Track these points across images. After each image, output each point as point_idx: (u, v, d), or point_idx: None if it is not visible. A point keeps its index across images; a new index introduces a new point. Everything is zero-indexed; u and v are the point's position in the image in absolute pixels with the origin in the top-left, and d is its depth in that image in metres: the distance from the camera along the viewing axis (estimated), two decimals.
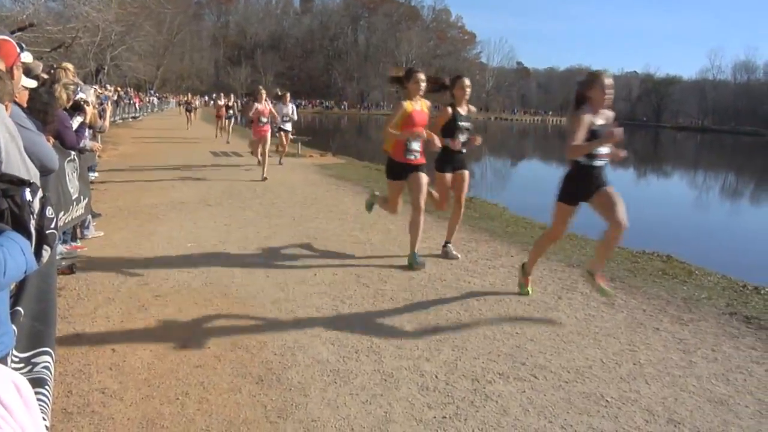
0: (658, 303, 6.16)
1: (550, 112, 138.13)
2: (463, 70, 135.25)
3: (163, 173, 14.76)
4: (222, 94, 28.91)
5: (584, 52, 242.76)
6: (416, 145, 6.88)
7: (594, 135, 5.42)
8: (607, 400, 4.04)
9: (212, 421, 3.59)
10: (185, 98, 37.18)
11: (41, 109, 4.53)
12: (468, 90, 7.47)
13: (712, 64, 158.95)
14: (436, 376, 4.29)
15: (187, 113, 35.32)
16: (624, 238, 5.73)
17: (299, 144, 22.45)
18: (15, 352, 2.81)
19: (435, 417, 3.74)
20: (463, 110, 7.45)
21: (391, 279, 6.61)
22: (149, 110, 53.90)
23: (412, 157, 6.92)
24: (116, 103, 34.71)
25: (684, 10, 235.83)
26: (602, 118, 5.63)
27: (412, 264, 7.05)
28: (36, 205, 2.26)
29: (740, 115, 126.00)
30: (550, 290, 6.44)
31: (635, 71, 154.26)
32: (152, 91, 72.69)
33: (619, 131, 5.32)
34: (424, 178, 7.03)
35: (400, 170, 7.06)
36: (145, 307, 5.45)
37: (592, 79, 5.74)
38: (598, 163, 5.57)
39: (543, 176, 29.20)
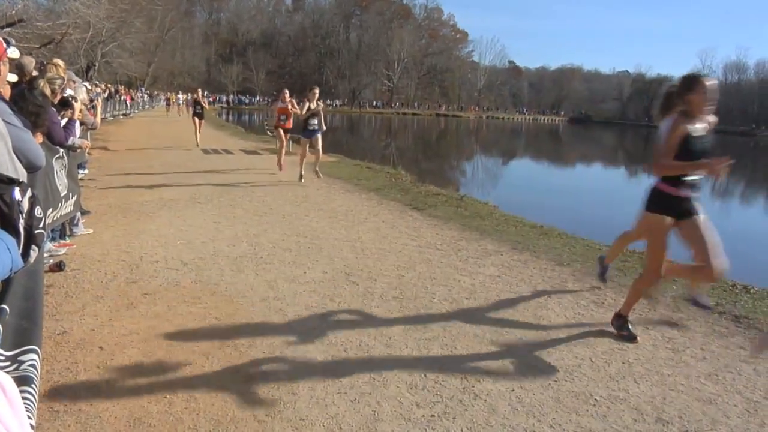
0: (647, 302, 6.17)
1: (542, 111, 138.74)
2: (455, 69, 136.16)
3: (153, 171, 14.69)
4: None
5: (576, 51, 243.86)
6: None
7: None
8: (596, 399, 4.05)
9: (200, 419, 3.58)
10: (194, 96, 24.59)
11: (34, 111, 4.48)
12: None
13: (703, 64, 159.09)
14: (425, 375, 4.29)
15: (196, 119, 22.85)
16: (614, 237, 5.76)
17: (290, 142, 22.39)
18: (1, 351, 2.79)
19: (424, 416, 3.73)
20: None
21: (381, 277, 6.60)
22: (140, 107, 53.71)
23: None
24: (107, 100, 34.56)
25: (676, 10, 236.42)
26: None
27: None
28: (25, 205, 2.24)
29: (731, 114, 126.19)
30: (540, 289, 6.44)
31: (627, 71, 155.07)
32: (143, 89, 72.40)
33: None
34: None
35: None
36: (134, 305, 5.43)
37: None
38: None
39: (534, 175, 29.27)
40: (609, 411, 3.90)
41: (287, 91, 15.39)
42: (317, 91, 13.63)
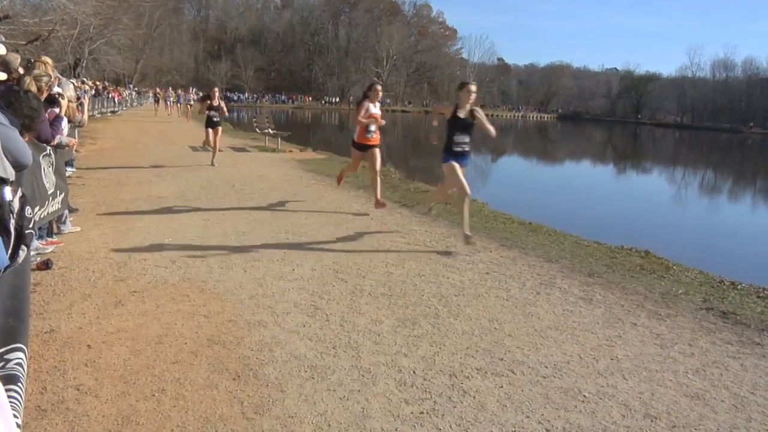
0: (636, 298, 6.20)
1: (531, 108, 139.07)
2: (444, 66, 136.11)
3: (141, 168, 14.66)
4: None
5: (565, 48, 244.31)
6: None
7: None
8: (584, 395, 4.06)
9: (188, 417, 3.57)
10: (208, 100, 16.62)
11: (29, 114, 4.42)
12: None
13: (691, 61, 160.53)
14: (414, 372, 4.29)
15: (209, 130, 16.20)
16: (602, 234, 5.77)
17: (279, 139, 22.40)
18: None
19: (412, 412, 3.74)
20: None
21: (370, 274, 6.61)
22: (128, 105, 53.48)
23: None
24: (94, 98, 34.41)
25: (664, 7, 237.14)
26: None
27: None
28: (16, 204, 2.23)
29: (719, 112, 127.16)
30: (529, 285, 6.46)
31: (615, 68, 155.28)
32: (131, 86, 72.11)
33: None
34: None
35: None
36: (122, 303, 5.41)
37: None
38: None
39: (523, 173, 29.33)
40: (597, 407, 3.91)
41: (380, 87, 9.94)
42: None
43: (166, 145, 20.96)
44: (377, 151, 9.83)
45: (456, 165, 7.86)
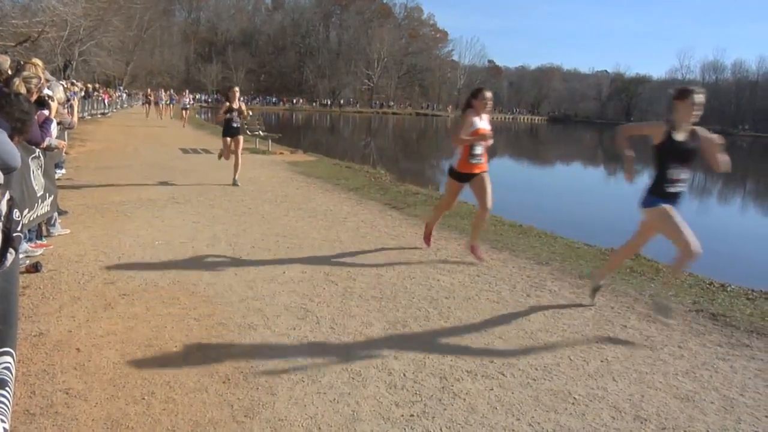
0: (626, 300, 6.23)
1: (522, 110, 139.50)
2: (435, 68, 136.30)
3: (131, 170, 14.60)
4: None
5: (556, 51, 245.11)
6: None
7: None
8: (574, 398, 4.07)
9: (178, 420, 3.56)
10: (227, 101, 13.06)
11: (20, 118, 4.37)
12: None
13: (681, 64, 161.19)
14: (404, 375, 4.29)
15: (227, 139, 13.23)
16: (593, 236, 5.77)
17: (269, 141, 22.37)
18: None
19: (403, 415, 3.74)
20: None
21: (360, 277, 6.60)
22: (118, 107, 53.30)
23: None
24: (84, 99, 34.29)
25: (654, 10, 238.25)
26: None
27: None
28: (3, 207, 2.22)
29: (708, 114, 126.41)
30: (519, 288, 6.47)
31: (606, 70, 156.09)
32: (121, 88, 71.90)
33: None
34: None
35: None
36: (112, 306, 5.39)
37: None
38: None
39: (513, 175, 29.37)
40: (587, 409, 3.92)
41: (489, 94, 7.45)
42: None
43: (156, 148, 20.88)
44: (486, 180, 7.41)
45: (673, 210, 5.42)
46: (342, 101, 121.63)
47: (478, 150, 7.26)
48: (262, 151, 21.20)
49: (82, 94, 33.04)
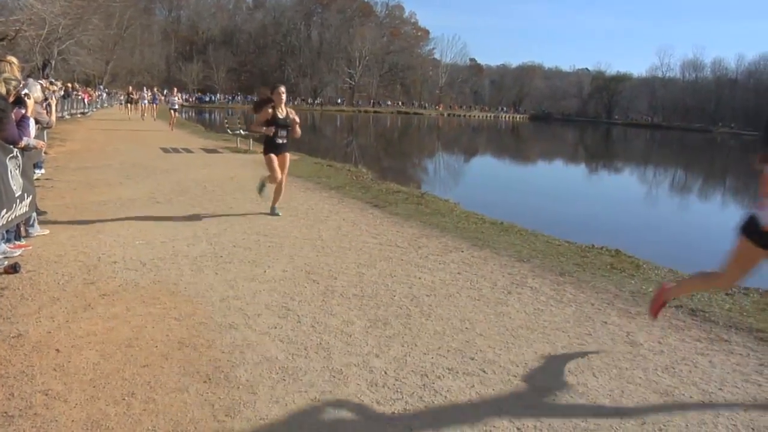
0: (607, 297, 6.26)
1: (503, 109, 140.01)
2: (417, 66, 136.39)
3: (111, 170, 14.51)
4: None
5: (537, 49, 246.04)
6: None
7: None
8: (555, 394, 4.09)
9: (159, 421, 3.55)
10: (270, 107, 9.58)
11: None
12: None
13: (661, 62, 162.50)
14: (386, 372, 4.30)
15: (273, 158, 9.71)
16: (574, 233, 5.79)
17: (251, 140, 22.31)
18: None
19: (384, 413, 3.74)
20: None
21: (342, 275, 6.61)
22: (98, 106, 52.91)
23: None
24: (64, 99, 34.02)
25: (634, 8, 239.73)
26: None
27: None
28: None
29: (688, 112, 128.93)
30: (500, 285, 6.49)
31: (587, 68, 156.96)
32: (101, 87, 71.40)
33: None
34: None
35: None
36: (92, 306, 5.36)
37: None
38: None
39: (495, 173, 29.44)
40: (568, 405, 3.94)
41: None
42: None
43: (136, 148, 20.77)
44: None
45: None
46: (324, 100, 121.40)
47: None
48: (243, 150, 21.17)
49: (62, 93, 32.79)
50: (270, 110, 9.45)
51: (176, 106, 33.27)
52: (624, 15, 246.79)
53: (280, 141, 9.60)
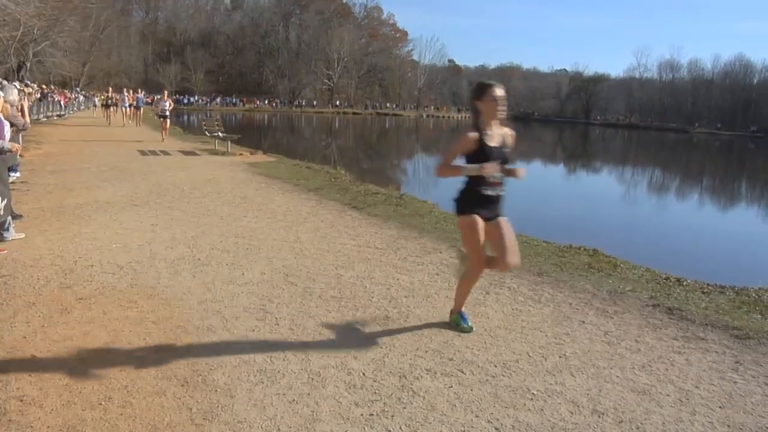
0: (584, 296, 6.30)
1: None
2: (395, 68, 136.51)
3: (88, 173, 14.40)
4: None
5: (515, 50, 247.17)
6: None
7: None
8: (533, 393, 4.11)
9: (136, 425, 3.53)
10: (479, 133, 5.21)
11: None
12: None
13: (638, 62, 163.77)
14: (364, 374, 4.30)
15: (478, 230, 5.07)
16: (552, 233, 5.81)
17: (229, 142, 22.23)
18: None
19: (362, 414, 3.75)
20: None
21: (320, 277, 6.60)
22: (75, 108, 52.48)
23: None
24: (40, 101, 33.70)
25: (612, 9, 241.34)
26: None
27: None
28: None
29: (666, 112, 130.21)
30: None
31: (565, 69, 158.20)
32: (78, 89, 70.88)
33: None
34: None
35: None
36: (68, 311, 5.32)
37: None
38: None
39: None
40: (546, 404, 3.96)
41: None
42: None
43: (114, 150, 20.63)
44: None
45: None
46: (302, 101, 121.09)
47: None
48: (222, 153, 21.08)
49: (38, 95, 32.50)
50: (474, 134, 5.19)
51: (167, 113, 27.06)
52: (601, 15, 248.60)
53: (490, 192, 5.26)
